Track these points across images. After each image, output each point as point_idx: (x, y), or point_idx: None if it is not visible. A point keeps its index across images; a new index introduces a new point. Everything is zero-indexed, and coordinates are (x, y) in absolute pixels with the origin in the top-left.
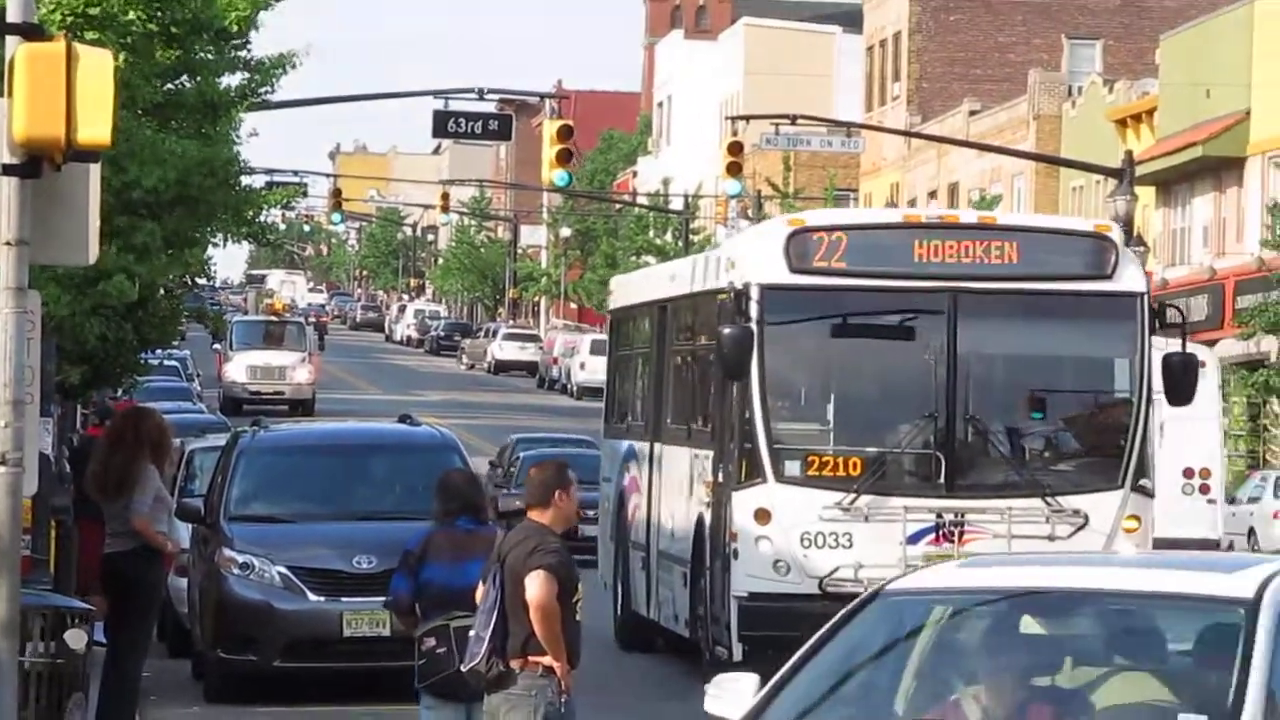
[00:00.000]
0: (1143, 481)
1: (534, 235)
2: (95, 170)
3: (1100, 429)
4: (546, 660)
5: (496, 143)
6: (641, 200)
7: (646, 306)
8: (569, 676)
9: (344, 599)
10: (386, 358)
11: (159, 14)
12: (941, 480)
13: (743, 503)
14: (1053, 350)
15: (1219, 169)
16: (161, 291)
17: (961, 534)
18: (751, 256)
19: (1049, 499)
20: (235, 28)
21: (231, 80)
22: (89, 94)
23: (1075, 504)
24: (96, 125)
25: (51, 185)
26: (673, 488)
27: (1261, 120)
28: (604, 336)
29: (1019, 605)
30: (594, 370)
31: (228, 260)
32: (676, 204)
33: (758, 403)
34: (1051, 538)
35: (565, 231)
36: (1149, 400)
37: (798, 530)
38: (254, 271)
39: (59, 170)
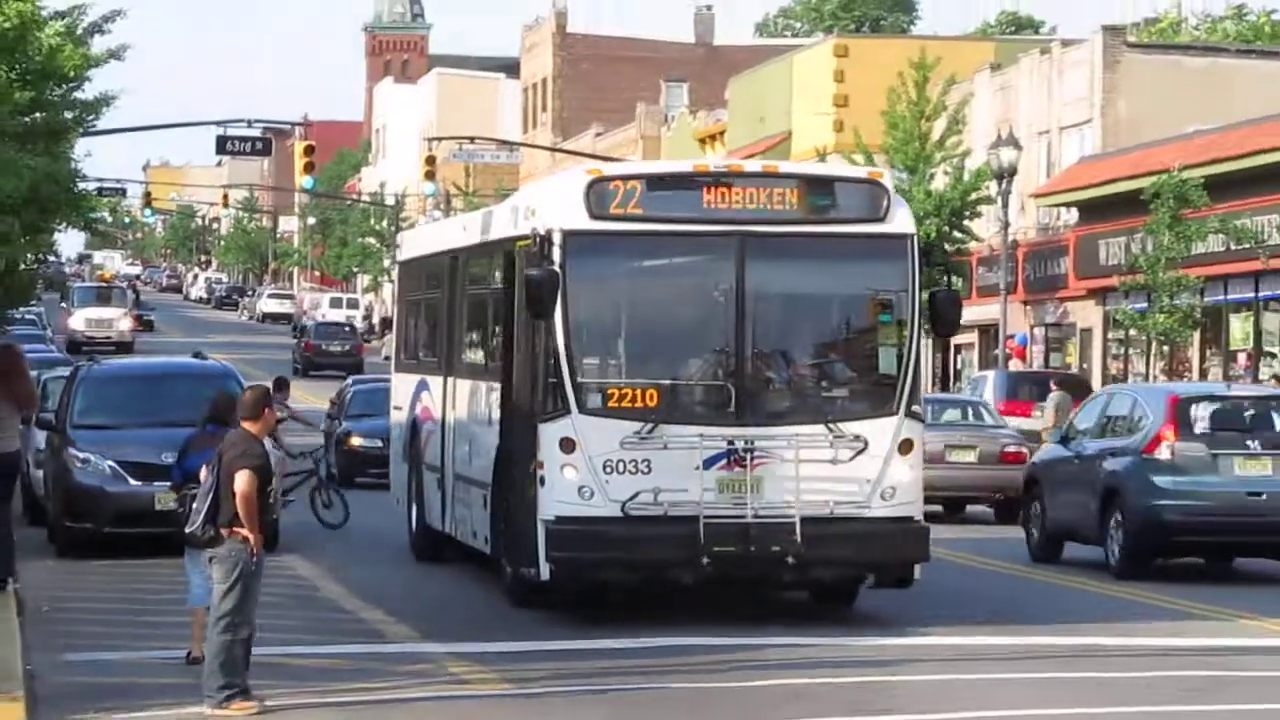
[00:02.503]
0: (915, 408)
1: (289, 223)
2: None
3: (876, 360)
4: (244, 532)
5: (261, 158)
6: (365, 198)
7: (438, 256)
8: (260, 544)
9: (154, 483)
10: (184, 311)
11: (18, 65)
12: (733, 410)
13: (548, 433)
14: (832, 288)
15: None
16: (21, 266)
17: (753, 459)
18: (553, 204)
19: (831, 425)
20: (72, 73)
21: (70, 114)
22: None
23: (855, 429)
24: None
25: None
26: (469, 417)
27: (799, 138)
28: (340, 294)
29: None
30: (332, 320)
31: (68, 242)
32: (390, 200)
33: (561, 340)
34: (834, 461)
35: (310, 220)
36: (919, 333)
37: (600, 458)
38: (83, 251)
39: None
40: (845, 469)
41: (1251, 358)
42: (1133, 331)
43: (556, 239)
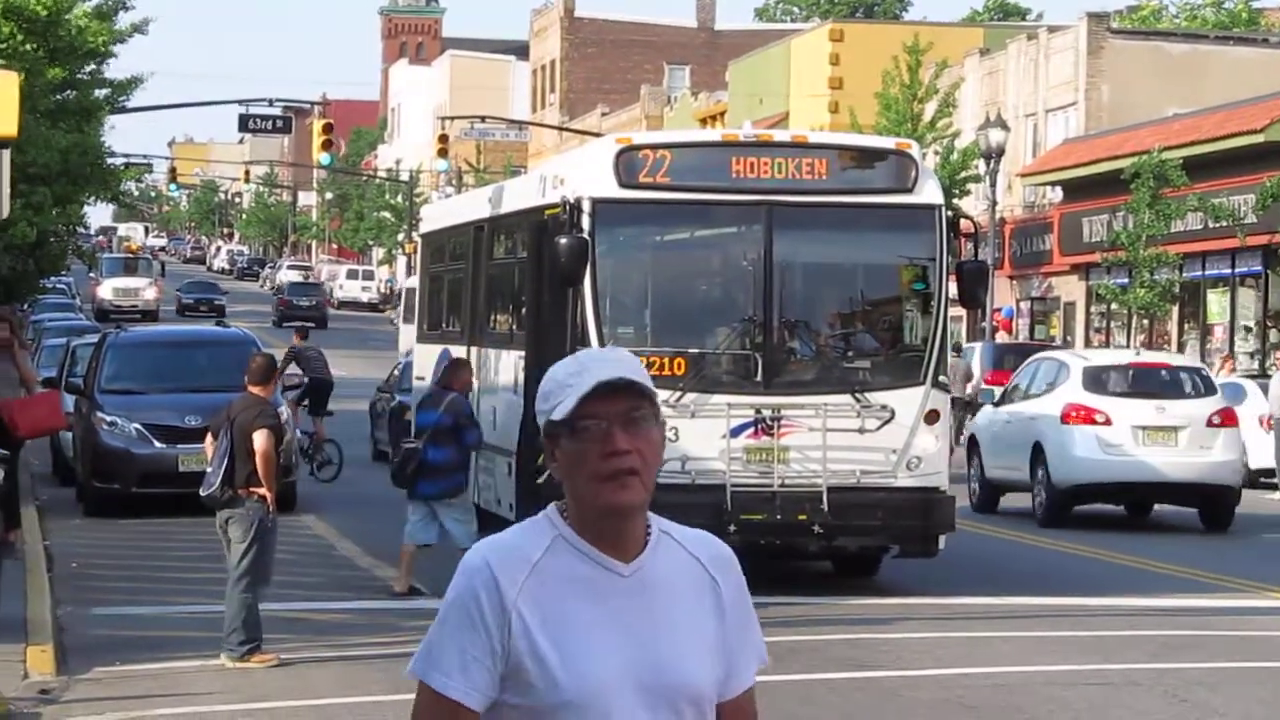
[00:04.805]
0: (941, 378)
1: (307, 198)
2: (6, 154)
3: (903, 331)
4: (261, 490)
5: (282, 135)
6: (381, 174)
7: (462, 227)
8: (275, 500)
9: (179, 445)
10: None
11: (45, 42)
12: (760, 379)
13: None
14: (860, 259)
15: None
16: (52, 237)
17: (779, 427)
18: (582, 173)
19: (858, 395)
20: (102, 48)
21: (100, 92)
22: (1, 102)
23: (883, 399)
24: (6, 124)
25: None
26: (494, 386)
27: (796, 119)
28: (356, 266)
29: None
30: (348, 291)
31: (96, 215)
32: (405, 176)
33: (590, 307)
34: (862, 430)
35: (328, 195)
36: (947, 304)
37: None
38: (107, 224)
39: None
40: (872, 438)
41: (1227, 331)
42: (1114, 305)
43: (586, 207)
